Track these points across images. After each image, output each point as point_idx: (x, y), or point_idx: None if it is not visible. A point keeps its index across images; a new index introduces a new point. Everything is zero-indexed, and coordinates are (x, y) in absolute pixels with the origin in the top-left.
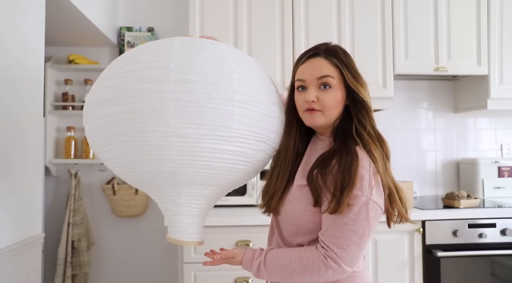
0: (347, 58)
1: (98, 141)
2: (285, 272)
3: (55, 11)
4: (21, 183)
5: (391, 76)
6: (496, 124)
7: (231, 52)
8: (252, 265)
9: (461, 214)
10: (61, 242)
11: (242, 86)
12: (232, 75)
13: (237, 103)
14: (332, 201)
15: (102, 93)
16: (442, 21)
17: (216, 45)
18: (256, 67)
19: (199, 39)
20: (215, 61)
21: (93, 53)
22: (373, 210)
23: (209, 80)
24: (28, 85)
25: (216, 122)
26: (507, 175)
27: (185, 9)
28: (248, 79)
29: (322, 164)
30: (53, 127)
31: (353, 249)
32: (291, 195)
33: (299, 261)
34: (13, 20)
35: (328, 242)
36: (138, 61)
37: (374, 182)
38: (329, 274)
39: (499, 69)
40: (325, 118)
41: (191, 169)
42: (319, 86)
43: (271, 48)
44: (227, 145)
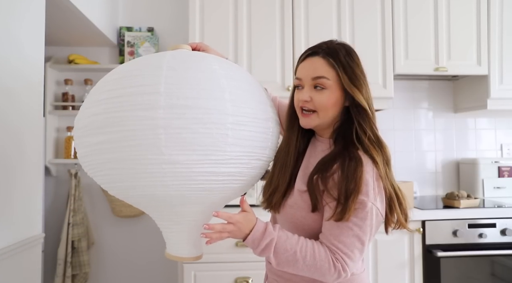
0: (348, 59)
1: (91, 166)
2: (294, 258)
3: (55, 11)
4: (21, 183)
5: (391, 76)
6: (496, 124)
7: (223, 69)
8: (263, 239)
9: (461, 214)
10: (61, 242)
11: (234, 107)
12: (224, 96)
13: (231, 125)
14: (337, 208)
15: (92, 119)
16: (442, 21)
17: (207, 62)
18: (248, 82)
19: (189, 55)
20: (207, 82)
21: (93, 53)
22: (377, 216)
23: (201, 104)
24: (28, 85)
25: (210, 147)
26: (507, 175)
27: (185, 9)
28: (241, 99)
29: (322, 168)
30: (53, 127)
31: (356, 255)
32: (292, 200)
33: (311, 252)
34: (13, 20)
35: (334, 247)
36: (127, 85)
37: (377, 188)
38: (333, 277)
39: (499, 69)
40: (320, 119)
41: (186, 192)
42: (314, 86)
43: (271, 48)
44: (222, 167)
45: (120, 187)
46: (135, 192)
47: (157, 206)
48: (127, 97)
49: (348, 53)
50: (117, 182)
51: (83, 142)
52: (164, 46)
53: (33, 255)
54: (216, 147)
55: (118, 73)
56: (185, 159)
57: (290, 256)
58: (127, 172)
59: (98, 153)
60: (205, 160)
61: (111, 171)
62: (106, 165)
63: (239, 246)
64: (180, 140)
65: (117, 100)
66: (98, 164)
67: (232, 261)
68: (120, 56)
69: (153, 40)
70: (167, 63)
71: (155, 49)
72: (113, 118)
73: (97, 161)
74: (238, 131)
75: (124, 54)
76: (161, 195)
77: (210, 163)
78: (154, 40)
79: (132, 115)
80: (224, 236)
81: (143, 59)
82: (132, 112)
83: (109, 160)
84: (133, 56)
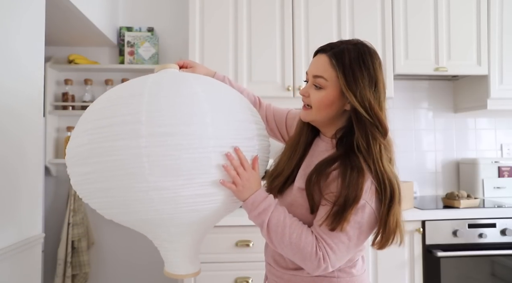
0: (355, 61)
1: (83, 194)
2: (280, 237)
3: (55, 11)
4: (21, 183)
5: (391, 76)
6: (496, 124)
7: (204, 92)
8: (262, 202)
9: (461, 214)
10: (61, 242)
11: (216, 130)
12: (205, 121)
13: (213, 148)
14: (332, 210)
15: (79, 150)
16: (442, 21)
17: (188, 85)
18: (231, 102)
19: (172, 79)
20: (188, 107)
21: (93, 53)
22: (370, 216)
23: (182, 130)
24: (28, 85)
25: (194, 171)
26: (507, 175)
27: (185, 9)
28: (223, 121)
29: (320, 169)
30: (53, 127)
31: (340, 249)
32: (292, 198)
33: (299, 232)
34: (13, 20)
35: (319, 236)
36: (109, 115)
37: (375, 190)
38: (313, 264)
39: (499, 69)
40: (313, 116)
41: (176, 214)
42: (313, 83)
43: (271, 48)
44: (209, 188)
45: (113, 213)
46: (129, 217)
47: (151, 228)
48: (110, 127)
49: (360, 55)
50: (109, 208)
51: (73, 172)
52: (164, 46)
53: (33, 255)
54: (200, 170)
55: (102, 102)
56: (171, 185)
57: (279, 228)
58: (117, 199)
59: (87, 182)
60: (191, 184)
61: (102, 199)
62: (96, 194)
63: (239, 246)
64: (164, 167)
65: (101, 130)
66: (89, 192)
67: (232, 261)
68: (120, 56)
69: (153, 40)
70: (149, 90)
71: (155, 49)
72: (98, 149)
73: (87, 190)
74: (221, 154)
75: (124, 54)
76: (153, 218)
77: (196, 186)
78: (154, 40)
79: (115, 146)
80: (229, 185)
81: (126, 87)
82: (116, 142)
83: (98, 189)
84: (133, 56)
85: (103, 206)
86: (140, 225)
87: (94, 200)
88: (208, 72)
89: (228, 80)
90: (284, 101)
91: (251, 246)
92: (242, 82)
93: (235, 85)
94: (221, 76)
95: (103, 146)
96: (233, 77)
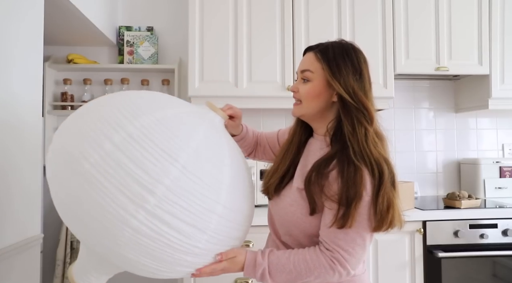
0: (339, 54)
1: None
2: (291, 276)
3: (54, 11)
4: (20, 183)
5: (392, 76)
6: (497, 124)
7: (228, 176)
8: (256, 271)
9: (462, 214)
10: (60, 242)
11: (208, 245)
12: (207, 233)
13: (193, 259)
14: (338, 213)
15: (59, 202)
16: (443, 21)
17: (220, 167)
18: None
19: (208, 159)
20: (205, 208)
21: (92, 53)
22: (371, 209)
23: (182, 230)
24: (27, 85)
25: (178, 267)
26: (508, 175)
27: (185, 8)
28: (221, 238)
29: (318, 168)
30: (52, 127)
31: (358, 252)
32: (292, 198)
33: (305, 264)
34: (12, 20)
35: (333, 245)
36: (136, 163)
37: (374, 184)
38: (335, 277)
39: (501, 69)
40: (303, 109)
41: (169, 266)
42: (301, 78)
43: (271, 48)
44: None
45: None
46: (126, 268)
47: (148, 272)
48: (123, 173)
49: (344, 50)
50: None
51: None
52: (163, 45)
53: (32, 255)
54: (177, 272)
55: (138, 130)
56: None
57: (287, 275)
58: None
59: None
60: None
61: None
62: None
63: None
64: (143, 248)
65: (113, 167)
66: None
67: None
68: (119, 55)
69: (152, 39)
70: (187, 157)
71: (154, 49)
72: (97, 183)
73: (73, 231)
74: (200, 263)
75: (124, 54)
76: (147, 267)
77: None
78: (153, 40)
79: (114, 193)
80: (220, 267)
81: (169, 127)
82: (116, 190)
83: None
84: (132, 55)
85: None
86: (136, 271)
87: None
88: (241, 128)
89: (246, 129)
90: (284, 101)
91: (251, 246)
92: (242, 82)
93: (249, 133)
94: (245, 128)
95: (104, 186)
96: (233, 77)
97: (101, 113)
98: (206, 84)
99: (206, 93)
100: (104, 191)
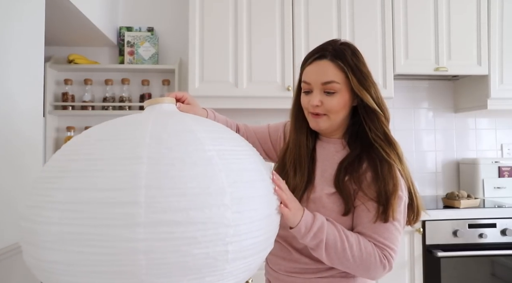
0: (355, 59)
1: (42, 279)
2: (341, 252)
3: (55, 11)
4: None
5: (391, 76)
6: (496, 124)
7: (219, 155)
8: (312, 228)
9: (461, 214)
10: None
11: (236, 215)
12: (224, 202)
13: (231, 238)
14: (379, 209)
15: (44, 229)
16: (443, 21)
17: (198, 143)
18: (248, 166)
19: (175, 131)
20: (202, 182)
21: (93, 53)
22: (405, 204)
23: (194, 218)
24: (28, 85)
25: (205, 269)
26: (507, 175)
27: (185, 8)
28: (244, 199)
29: (350, 169)
30: (53, 127)
31: (398, 248)
32: (319, 205)
33: (357, 245)
34: (13, 20)
35: (381, 244)
36: (91, 186)
37: (403, 182)
38: (379, 273)
39: (499, 69)
40: (330, 122)
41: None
42: (324, 90)
43: (271, 48)
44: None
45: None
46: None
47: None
48: (90, 205)
49: (354, 53)
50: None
51: (28, 249)
52: (164, 46)
53: None
54: (213, 267)
55: (81, 161)
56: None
57: (338, 243)
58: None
59: (55, 272)
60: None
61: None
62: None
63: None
64: (166, 266)
65: (77, 208)
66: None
67: None
68: (120, 56)
69: (153, 40)
70: (148, 151)
71: (155, 49)
72: (71, 234)
73: (57, 280)
74: (239, 243)
75: (124, 54)
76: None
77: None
78: (154, 40)
79: (98, 234)
80: (284, 209)
81: (116, 141)
82: (99, 229)
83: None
84: (132, 56)
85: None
86: None
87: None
88: (203, 111)
89: (214, 114)
90: (284, 101)
91: None
92: (242, 82)
93: (220, 118)
94: (211, 113)
95: (80, 231)
96: (233, 77)
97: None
98: (206, 85)
99: (206, 94)
100: (84, 237)
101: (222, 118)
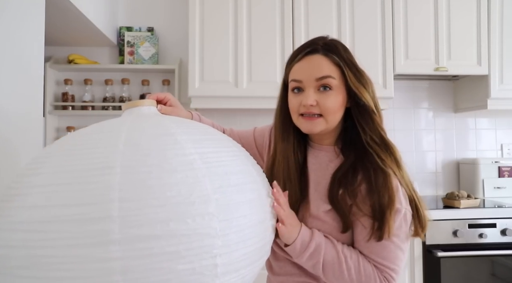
0: (348, 55)
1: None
2: (339, 274)
3: (55, 11)
4: None
5: (391, 76)
6: (496, 124)
7: (202, 159)
8: (308, 248)
9: (461, 214)
10: None
11: (223, 223)
12: (209, 210)
13: (219, 250)
14: (374, 226)
15: (8, 253)
16: (443, 21)
17: (178, 147)
18: (237, 169)
19: (151, 135)
20: (182, 190)
21: (93, 53)
22: (409, 220)
23: (175, 230)
24: (28, 85)
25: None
26: (507, 175)
27: (185, 8)
28: (232, 206)
29: (344, 181)
30: (53, 128)
31: (400, 267)
32: (318, 222)
33: (358, 273)
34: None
35: (380, 265)
36: (59, 202)
37: (404, 191)
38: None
39: (499, 69)
40: (326, 124)
41: None
42: (318, 88)
43: (271, 48)
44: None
45: None
46: None
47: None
48: (58, 224)
49: (345, 49)
50: None
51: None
52: (164, 46)
53: None
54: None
55: (46, 174)
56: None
57: (336, 265)
58: None
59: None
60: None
61: None
62: None
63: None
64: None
65: (43, 228)
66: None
67: None
68: (120, 56)
69: (153, 40)
70: (122, 160)
71: (155, 49)
72: (37, 257)
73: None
74: (229, 254)
75: (124, 54)
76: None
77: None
78: (154, 40)
79: (68, 256)
80: (279, 226)
81: (87, 152)
82: (68, 250)
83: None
84: (132, 56)
85: None
86: None
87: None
88: (188, 114)
89: (199, 117)
90: None
91: None
92: (242, 82)
93: (206, 122)
94: (196, 116)
95: (48, 254)
96: (233, 77)
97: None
98: (206, 85)
99: (206, 94)
100: (52, 261)
101: (208, 121)
